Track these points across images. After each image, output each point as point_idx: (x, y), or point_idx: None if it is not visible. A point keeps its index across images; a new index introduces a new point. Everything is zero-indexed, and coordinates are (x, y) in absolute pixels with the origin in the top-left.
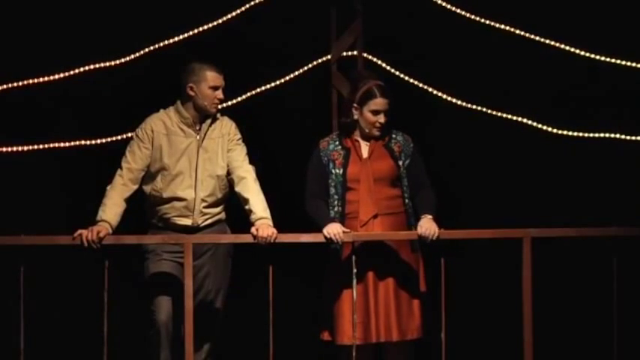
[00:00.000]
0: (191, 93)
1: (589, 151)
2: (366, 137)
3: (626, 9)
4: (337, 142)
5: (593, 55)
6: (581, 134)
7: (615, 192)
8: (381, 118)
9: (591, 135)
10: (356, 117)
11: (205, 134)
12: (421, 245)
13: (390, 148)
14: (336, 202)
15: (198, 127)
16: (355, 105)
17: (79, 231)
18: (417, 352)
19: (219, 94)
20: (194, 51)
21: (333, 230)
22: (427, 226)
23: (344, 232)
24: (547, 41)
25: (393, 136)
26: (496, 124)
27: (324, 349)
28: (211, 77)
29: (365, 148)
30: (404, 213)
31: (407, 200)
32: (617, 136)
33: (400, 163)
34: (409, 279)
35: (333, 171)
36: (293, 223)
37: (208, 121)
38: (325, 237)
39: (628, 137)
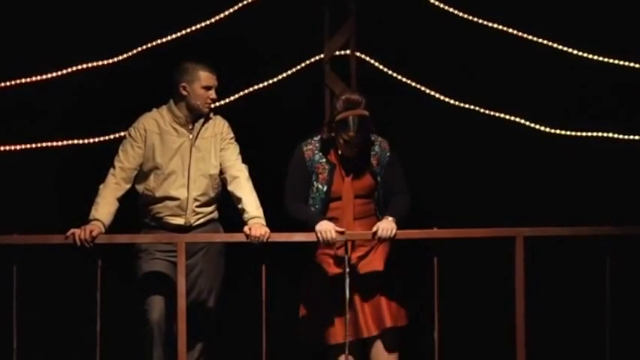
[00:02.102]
0: (184, 92)
1: (582, 150)
2: (344, 155)
3: (621, 8)
4: (321, 154)
5: (586, 54)
6: (574, 133)
7: (609, 191)
8: (354, 148)
9: (585, 134)
10: (333, 134)
11: (198, 133)
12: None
13: (369, 164)
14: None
15: (190, 127)
16: (333, 125)
17: (72, 230)
18: (412, 351)
19: (212, 93)
20: (187, 50)
21: (326, 228)
22: (383, 226)
23: (336, 230)
24: (541, 40)
25: (372, 147)
26: (489, 123)
27: (316, 348)
28: (204, 77)
29: (347, 166)
30: (375, 215)
31: (380, 204)
32: (611, 135)
33: (379, 178)
34: (377, 274)
35: (315, 184)
36: (286, 222)
37: (201, 121)
38: (318, 235)
39: (622, 136)
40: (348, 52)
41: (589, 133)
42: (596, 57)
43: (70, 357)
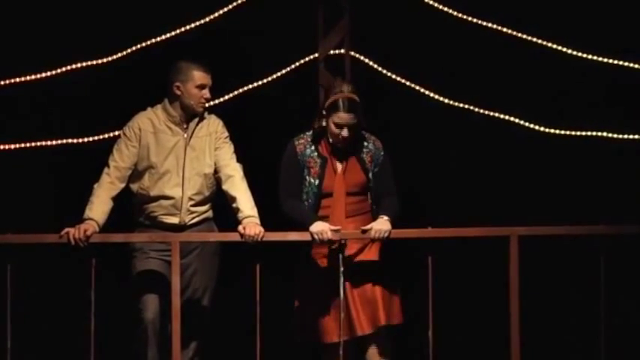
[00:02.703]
0: (178, 92)
1: (577, 149)
2: (336, 147)
3: (617, 7)
4: (313, 148)
5: (581, 54)
6: (569, 132)
7: (603, 190)
8: (344, 132)
9: (580, 133)
10: (324, 124)
11: (192, 133)
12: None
13: (362, 160)
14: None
15: (185, 126)
16: (324, 112)
17: (66, 229)
18: (407, 350)
19: (206, 93)
20: (181, 50)
21: (322, 230)
22: (377, 228)
23: (331, 230)
24: (536, 40)
25: (365, 144)
26: (484, 123)
27: (310, 347)
28: (198, 76)
29: (338, 159)
30: (369, 213)
31: (372, 202)
32: (606, 134)
33: (370, 175)
34: (371, 271)
35: (307, 178)
36: (280, 222)
37: (195, 120)
38: (313, 235)
39: (616, 136)
40: (342, 51)
41: (584, 133)
42: (590, 56)
43: (64, 356)
